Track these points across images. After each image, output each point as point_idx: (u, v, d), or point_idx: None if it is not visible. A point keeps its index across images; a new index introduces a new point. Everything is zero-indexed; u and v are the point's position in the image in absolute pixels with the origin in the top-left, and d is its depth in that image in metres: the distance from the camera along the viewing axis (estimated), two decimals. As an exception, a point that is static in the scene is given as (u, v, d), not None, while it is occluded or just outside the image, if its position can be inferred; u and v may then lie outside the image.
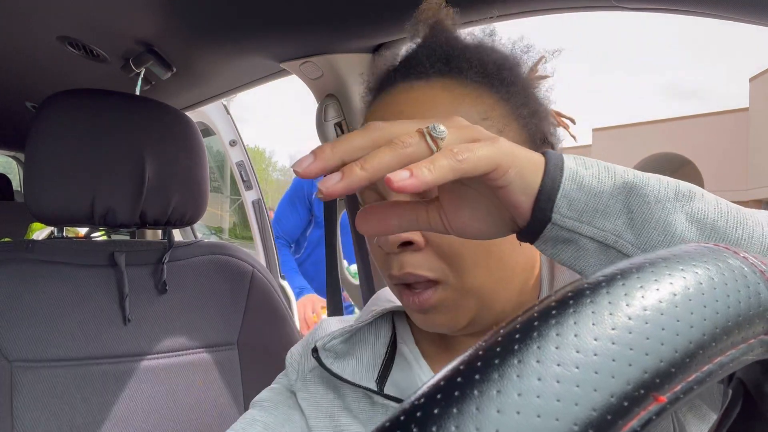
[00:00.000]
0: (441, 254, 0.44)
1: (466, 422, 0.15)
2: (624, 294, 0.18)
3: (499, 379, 0.16)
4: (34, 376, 0.80)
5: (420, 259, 0.44)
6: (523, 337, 0.17)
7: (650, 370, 0.17)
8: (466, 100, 0.46)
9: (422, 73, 0.47)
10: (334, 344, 0.54)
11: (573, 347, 0.17)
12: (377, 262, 0.49)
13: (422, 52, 0.49)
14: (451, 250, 0.44)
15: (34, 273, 0.85)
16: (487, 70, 0.47)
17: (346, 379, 0.52)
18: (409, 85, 0.47)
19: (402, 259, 0.45)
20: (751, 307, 0.20)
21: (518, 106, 0.48)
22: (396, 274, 0.45)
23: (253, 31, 0.93)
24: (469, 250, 0.44)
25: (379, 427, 0.16)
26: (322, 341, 0.54)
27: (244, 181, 1.97)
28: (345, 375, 0.52)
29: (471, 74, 0.47)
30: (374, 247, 0.47)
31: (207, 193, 1.00)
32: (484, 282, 0.46)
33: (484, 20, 0.77)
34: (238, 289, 1.00)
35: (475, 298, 0.46)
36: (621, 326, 0.17)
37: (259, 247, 1.97)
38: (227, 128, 1.95)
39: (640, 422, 0.17)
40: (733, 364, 0.19)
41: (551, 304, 0.18)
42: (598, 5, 0.64)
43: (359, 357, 0.54)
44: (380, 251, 0.46)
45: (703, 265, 0.20)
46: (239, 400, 0.94)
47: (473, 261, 0.44)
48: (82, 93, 0.91)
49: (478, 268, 0.45)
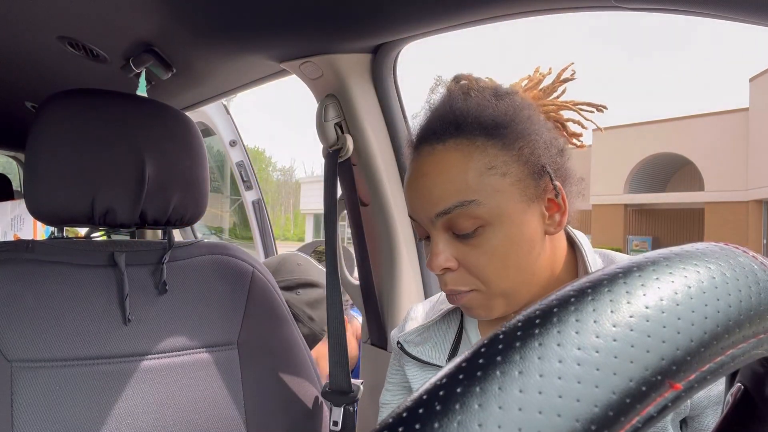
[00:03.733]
0: (471, 272, 0.61)
1: (488, 401, 0.16)
2: (641, 285, 0.19)
3: (520, 361, 0.17)
4: (34, 376, 0.80)
5: (456, 278, 0.62)
6: (543, 322, 0.18)
7: (667, 357, 0.18)
8: (474, 155, 0.59)
9: (439, 138, 0.61)
10: (412, 338, 0.73)
11: (593, 332, 0.17)
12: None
13: (436, 120, 0.62)
14: (477, 270, 0.60)
15: (34, 273, 0.85)
16: (487, 127, 0.59)
17: (423, 360, 0.71)
18: (432, 148, 0.61)
19: (444, 278, 0.62)
20: (761, 303, 0.20)
21: (518, 149, 0.59)
22: (443, 288, 0.63)
23: (253, 31, 0.93)
24: (488, 268, 0.60)
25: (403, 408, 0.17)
26: (404, 336, 0.74)
27: (244, 181, 1.97)
28: (423, 357, 0.71)
29: (476, 133, 0.59)
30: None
31: (207, 193, 1.00)
32: (506, 286, 0.60)
33: (484, 20, 0.77)
34: (238, 289, 1.00)
35: (502, 297, 0.61)
36: (639, 314, 0.18)
37: (259, 247, 1.97)
38: (227, 128, 1.95)
39: (657, 408, 0.17)
40: (744, 357, 0.20)
41: (570, 292, 0.19)
42: (598, 5, 0.64)
43: (434, 342, 0.72)
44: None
45: (715, 261, 0.21)
46: (239, 400, 0.95)
47: (496, 274, 0.60)
48: (82, 93, 0.91)
49: (501, 279, 0.60)
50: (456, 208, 0.58)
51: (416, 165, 0.63)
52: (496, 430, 0.15)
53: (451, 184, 0.58)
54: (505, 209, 0.58)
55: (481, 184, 0.58)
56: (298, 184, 41.88)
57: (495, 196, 0.58)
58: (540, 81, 0.70)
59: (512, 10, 0.73)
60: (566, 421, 0.16)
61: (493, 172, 0.58)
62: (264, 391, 0.97)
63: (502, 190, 0.58)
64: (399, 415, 0.16)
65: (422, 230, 0.64)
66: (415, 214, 0.63)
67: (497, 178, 0.58)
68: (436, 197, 0.59)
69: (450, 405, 0.16)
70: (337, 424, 0.99)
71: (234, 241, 2.89)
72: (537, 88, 0.70)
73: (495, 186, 0.58)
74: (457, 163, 0.59)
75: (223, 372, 0.94)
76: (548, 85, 0.70)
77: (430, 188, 0.60)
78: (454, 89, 0.64)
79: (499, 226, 0.58)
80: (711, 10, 0.52)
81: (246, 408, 0.95)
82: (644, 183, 19.62)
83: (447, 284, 0.62)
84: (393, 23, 0.85)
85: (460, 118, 0.60)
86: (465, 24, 0.80)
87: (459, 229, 0.59)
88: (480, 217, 0.58)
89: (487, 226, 0.58)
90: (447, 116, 0.61)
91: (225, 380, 0.94)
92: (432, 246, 0.61)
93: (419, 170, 0.62)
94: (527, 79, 0.71)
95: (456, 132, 0.60)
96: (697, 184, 18.18)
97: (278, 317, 1.02)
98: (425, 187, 0.60)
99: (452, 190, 0.58)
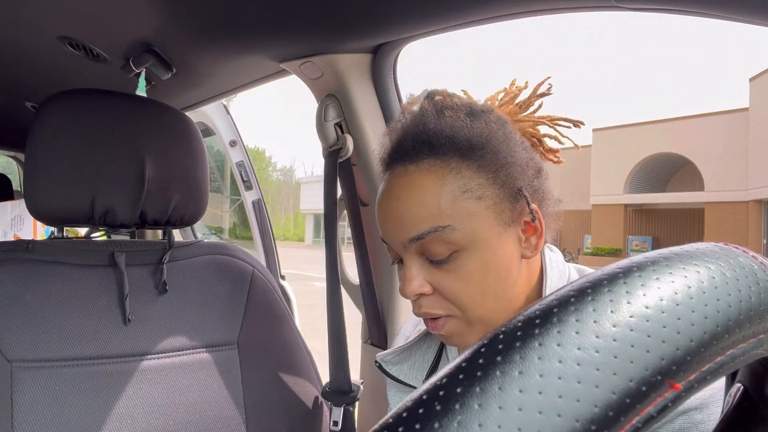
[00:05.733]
0: (446, 298, 0.58)
1: (488, 400, 0.16)
2: (641, 285, 0.19)
3: (520, 361, 0.17)
4: (34, 376, 0.80)
5: (431, 302, 0.59)
6: (543, 322, 0.18)
7: (667, 357, 0.18)
8: (448, 177, 0.56)
9: (412, 158, 0.58)
10: (390, 357, 0.73)
11: (593, 332, 0.17)
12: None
13: (409, 139, 0.59)
14: (452, 295, 0.58)
15: (34, 273, 0.85)
16: (461, 148, 0.57)
17: (401, 379, 0.71)
18: (404, 168, 0.59)
19: (419, 302, 0.60)
20: (761, 303, 0.20)
21: (493, 172, 0.57)
22: (417, 312, 0.61)
23: (253, 31, 0.93)
24: (464, 293, 0.57)
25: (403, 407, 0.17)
26: (383, 356, 0.73)
27: (244, 181, 1.97)
28: (401, 377, 0.71)
29: (450, 154, 0.57)
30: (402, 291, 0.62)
31: (207, 193, 1.00)
32: (484, 313, 0.58)
33: (484, 20, 0.77)
34: (238, 289, 1.00)
35: (481, 324, 0.59)
36: (639, 314, 0.18)
37: (259, 247, 1.97)
38: (227, 128, 1.95)
39: (657, 408, 0.17)
40: (744, 357, 0.20)
41: (570, 292, 0.19)
42: (598, 5, 0.64)
43: (413, 362, 0.71)
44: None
45: (715, 261, 0.21)
46: (239, 400, 0.95)
47: (471, 301, 0.57)
48: (82, 93, 0.91)
49: (476, 305, 0.58)
50: (429, 233, 0.56)
51: (388, 187, 0.60)
52: (496, 430, 0.15)
53: (424, 209, 0.56)
54: (480, 234, 0.56)
55: (455, 208, 0.56)
56: (298, 184, 41.89)
57: (470, 220, 0.56)
58: (516, 95, 0.68)
59: (512, 10, 0.73)
60: (566, 421, 0.16)
61: (468, 195, 0.56)
62: (264, 391, 0.97)
63: (477, 214, 0.56)
64: (399, 415, 0.16)
65: (395, 254, 0.62)
66: (387, 238, 0.60)
67: (472, 202, 0.56)
68: (409, 222, 0.57)
69: (450, 405, 0.16)
70: (337, 424, 0.99)
71: (234, 241, 2.89)
72: (513, 103, 0.68)
73: (470, 210, 0.56)
74: (431, 186, 0.56)
75: (223, 372, 0.94)
76: (524, 100, 0.68)
77: (402, 213, 0.57)
78: (427, 107, 0.61)
79: (474, 251, 0.56)
80: (711, 10, 0.52)
81: (246, 408, 0.95)
82: (644, 183, 19.63)
83: (421, 307, 0.59)
84: (393, 23, 0.85)
85: (433, 138, 0.58)
86: (465, 24, 0.80)
87: (433, 254, 0.57)
88: (454, 242, 0.56)
89: (462, 251, 0.56)
90: (420, 136, 0.58)
91: (225, 380, 0.94)
92: (405, 271, 0.59)
93: (391, 193, 0.59)
94: (503, 92, 0.69)
95: (429, 153, 0.57)
96: (697, 184, 18.18)
97: (278, 317, 1.02)
98: (397, 212, 0.58)
99: (425, 215, 0.56)
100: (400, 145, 0.60)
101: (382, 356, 0.72)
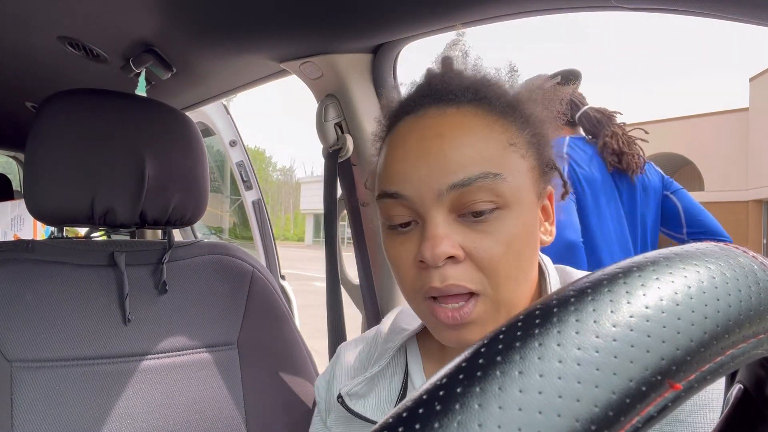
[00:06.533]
0: (480, 266, 0.48)
1: (488, 400, 0.16)
2: (641, 285, 0.19)
3: (520, 361, 0.17)
4: (34, 376, 0.80)
5: (461, 272, 0.47)
6: (543, 322, 0.18)
7: (667, 357, 0.18)
8: (496, 126, 0.50)
9: (453, 100, 0.51)
10: (358, 389, 0.59)
11: (593, 332, 0.17)
12: (406, 279, 0.51)
13: (454, 80, 0.52)
14: (490, 262, 0.47)
15: (34, 273, 0.85)
16: (510, 103, 0.52)
17: (367, 417, 0.58)
18: (442, 111, 0.50)
19: (444, 272, 0.47)
20: (761, 303, 0.20)
21: (533, 136, 0.52)
22: (439, 286, 0.48)
23: (253, 31, 0.93)
24: (503, 261, 0.48)
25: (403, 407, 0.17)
26: (346, 388, 0.59)
27: (244, 181, 1.97)
28: (366, 414, 0.58)
29: (497, 105, 0.51)
30: (405, 264, 0.51)
31: (207, 193, 1.00)
32: (513, 295, 0.49)
33: (484, 20, 0.77)
34: (238, 289, 1.00)
35: (506, 311, 0.49)
36: (639, 314, 0.18)
37: (259, 247, 1.97)
38: (227, 128, 1.95)
39: (657, 408, 0.17)
40: (744, 357, 0.20)
41: (570, 292, 0.19)
42: (598, 5, 0.64)
43: (378, 394, 0.59)
44: (413, 268, 0.50)
45: (715, 261, 0.21)
46: (239, 400, 0.94)
47: (507, 273, 0.48)
48: (82, 93, 0.91)
49: (510, 281, 0.48)
50: (479, 179, 0.47)
51: (418, 127, 0.51)
52: (496, 430, 0.15)
53: (474, 150, 0.48)
54: (524, 194, 0.49)
55: (504, 158, 0.48)
56: (298, 184, 41.89)
57: (517, 176, 0.49)
58: None
59: (512, 10, 0.73)
60: (566, 421, 0.16)
61: (514, 149, 0.49)
62: (264, 391, 0.97)
63: (522, 172, 0.49)
64: (399, 415, 0.16)
65: (407, 211, 0.50)
66: (413, 187, 0.49)
67: (518, 158, 0.49)
68: (455, 163, 0.47)
69: (450, 405, 0.16)
70: (337, 424, 0.99)
71: (234, 241, 2.89)
72: None
73: (516, 165, 0.49)
74: (479, 130, 0.49)
75: (223, 372, 0.94)
76: None
77: (447, 152, 0.48)
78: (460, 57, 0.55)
79: (518, 212, 0.48)
80: (711, 10, 0.52)
81: (246, 408, 0.95)
82: (644, 183, 19.57)
83: (447, 279, 0.47)
84: (393, 23, 0.85)
85: (479, 83, 0.52)
86: (465, 24, 0.80)
87: (474, 207, 0.47)
88: (502, 195, 0.47)
89: (505, 209, 0.48)
90: (464, 80, 0.52)
91: (225, 380, 0.94)
92: (430, 228, 0.48)
93: (428, 131, 0.50)
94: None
95: (474, 97, 0.51)
96: (697, 184, 18.17)
97: (278, 317, 1.02)
98: (440, 151, 0.48)
99: (476, 157, 0.47)
100: (436, 87, 0.53)
101: (348, 389, 0.59)
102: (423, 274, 0.49)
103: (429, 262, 0.47)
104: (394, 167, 0.51)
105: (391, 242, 0.52)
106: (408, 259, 0.50)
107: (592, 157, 1.54)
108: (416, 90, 0.55)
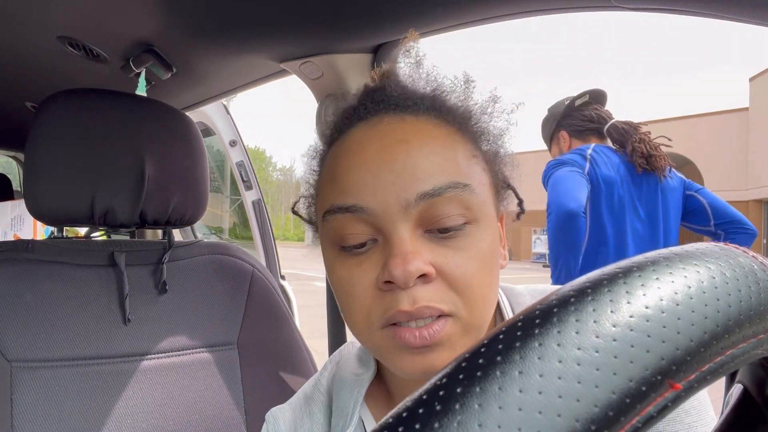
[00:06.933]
0: (453, 285, 0.43)
1: (488, 400, 0.16)
2: (641, 285, 0.19)
3: (520, 361, 0.17)
4: (34, 376, 0.80)
5: (432, 292, 0.42)
6: (543, 322, 0.18)
7: (667, 357, 0.18)
8: (457, 137, 0.46)
9: (410, 107, 0.47)
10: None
11: (593, 332, 0.17)
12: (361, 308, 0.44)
13: (402, 88, 0.49)
14: (464, 279, 0.42)
15: (34, 273, 0.85)
16: (465, 115, 0.49)
17: None
18: (400, 117, 0.46)
19: (414, 293, 0.41)
20: (761, 303, 0.20)
21: (488, 150, 0.49)
22: (409, 309, 0.41)
23: (253, 31, 0.93)
24: (477, 280, 0.43)
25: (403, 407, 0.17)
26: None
27: (244, 181, 1.97)
28: None
29: (456, 115, 0.48)
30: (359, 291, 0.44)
31: (207, 193, 1.00)
32: (484, 318, 0.45)
33: (484, 20, 0.77)
34: (238, 289, 1.00)
35: (474, 335, 0.44)
36: (639, 314, 0.18)
37: (259, 247, 1.97)
38: (227, 128, 1.95)
39: (657, 408, 0.17)
40: (744, 357, 0.20)
41: (570, 292, 0.19)
42: (598, 5, 0.64)
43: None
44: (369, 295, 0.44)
45: (715, 261, 0.21)
46: (239, 400, 0.95)
47: (480, 292, 0.43)
48: (82, 93, 0.91)
49: (484, 301, 0.44)
50: (449, 189, 0.42)
51: (378, 134, 0.45)
52: (496, 430, 0.15)
53: (442, 158, 0.43)
54: (489, 210, 0.45)
55: (469, 168, 0.45)
56: (298, 184, 41.75)
57: (482, 189, 0.45)
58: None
59: (512, 10, 0.73)
60: (566, 421, 0.16)
61: (476, 161, 0.46)
62: (264, 391, 0.97)
63: (486, 185, 0.46)
64: (399, 415, 0.16)
65: (365, 227, 0.44)
66: (375, 198, 0.43)
67: (480, 171, 0.46)
68: (422, 171, 0.42)
69: (450, 405, 0.16)
70: (337, 424, 0.99)
71: (234, 241, 2.89)
72: None
73: (480, 178, 0.45)
74: (442, 138, 0.45)
75: (223, 372, 0.94)
76: None
77: (415, 159, 0.43)
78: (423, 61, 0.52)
79: (486, 227, 0.44)
80: (711, 10, 0.52)
81: (246, 408, 0.95)
82: (644, 183, 19.60)
83: (418, 301, 0.41)
84: (393, 23, 0.85)
85: (436, 91, 0.49)
86: (465, 24, 0.80)
87: (443, 222, 0.42)
88: (471, 208, 0.43)
89: (473, 223, 0.43)
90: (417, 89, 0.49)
91: (225, 380, 0.94)
92: (397, 244, 0.42)
93: (390, 137, 0.44)
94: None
95: (431, 106, 0.47)
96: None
97: (278, 317, 1.02)
98: (408, 157, 0.43)
99: (444, 166, 0.43)
100: (388, 93, 0.48)
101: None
102: (386, 297, 0.42)
103: (399, 282, 0.41)
104: (349, 177, 0.44)
105: (343, 266, 0.45)
106: (364, 285, 0.43)
107: (617, 164, 1.71)
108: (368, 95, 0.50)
